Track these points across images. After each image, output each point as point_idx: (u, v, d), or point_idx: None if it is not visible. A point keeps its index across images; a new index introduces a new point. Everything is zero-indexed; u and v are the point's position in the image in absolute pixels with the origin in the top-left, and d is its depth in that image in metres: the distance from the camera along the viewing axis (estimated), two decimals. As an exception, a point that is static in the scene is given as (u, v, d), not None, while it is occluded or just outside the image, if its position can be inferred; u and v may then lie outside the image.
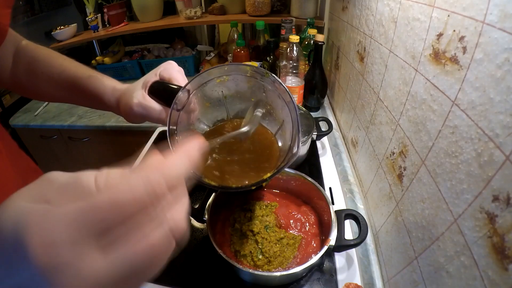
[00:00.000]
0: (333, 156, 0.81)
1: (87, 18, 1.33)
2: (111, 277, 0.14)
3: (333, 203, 0.65)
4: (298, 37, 0.85)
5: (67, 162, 1.39)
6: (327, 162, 0.78)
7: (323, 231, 0.54)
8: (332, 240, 0.47)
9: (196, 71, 1.42)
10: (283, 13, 1.25)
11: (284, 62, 0.90)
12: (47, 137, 1.27)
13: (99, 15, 1.34)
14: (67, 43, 1.33)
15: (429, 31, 0.39)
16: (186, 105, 0.36)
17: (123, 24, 1.36)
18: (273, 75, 0.35)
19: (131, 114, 0.39)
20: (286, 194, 0.63)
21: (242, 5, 1.24)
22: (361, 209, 0.66)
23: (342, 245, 0.47)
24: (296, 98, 0.93)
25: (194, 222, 0.64)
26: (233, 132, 0.37)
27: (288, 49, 0.87)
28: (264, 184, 0.32)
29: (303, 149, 0.74)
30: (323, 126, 0.81)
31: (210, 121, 0.42)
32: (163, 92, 0.39)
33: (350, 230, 0.59)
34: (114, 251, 0.14)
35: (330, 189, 0.69)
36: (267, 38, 1.17)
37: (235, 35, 1.18)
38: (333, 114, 1.02)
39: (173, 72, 0.40)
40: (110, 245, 0.14)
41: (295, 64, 0.89)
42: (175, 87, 0.38)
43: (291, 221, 0.56)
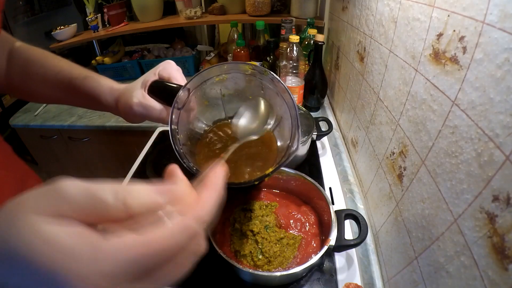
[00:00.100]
0: (333, 156, 0.81)
1: (87, 18, 1.33)
2: None
3: (333, 203, 0.65)
4: (298, 37, 0.85)
5: (67, 162, 1.39)
6: (327, 162, 0.78)
7: (323, 231, 0.54)
8: (332, 240, 0.47)
9: (196, 71, 1.42)
10: (283, 13, 1.25)
11: (284, 62, 0.90)
12: (47, 137, 1.27)
13: (99, 15, 1.34)
14: (67, 43, 1.33)
15: (429, 31, 0.39)
16: (186, 103, 0.36)
17: (123, 24, 1.36)
18: (272, 73, 0.36)
19: (131, 114, 0.39)
20: (286, 194, 0.63)
21: (242, 5, 1.24)
22: (361, 209, 0.66)
23: (342, 245, 0.47)
24: (296, 98, 0.93)
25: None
26: (241, 141, 0.36)
27: (288, 49, 0.87)
28: (266, 179, 0.33)
29: (303, 149, 0.74)
30: (323, 126, 0.81)
31: (209, 120, 0.42)
32: (163, 91, 0.38)
33: (350, 230, 0.59)
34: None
35: (330, 189, 0.69)
36: (267, 38, 1.17)
37: (235, 35, 1.18)
38: (333, 114, 1.02)
39: (172, 71, 0.40)
40: (144, 281, 0.16)
41: (295, 64, 0.89)
42: (175, 86, 0.38)
43: (291, 221, 0.56)
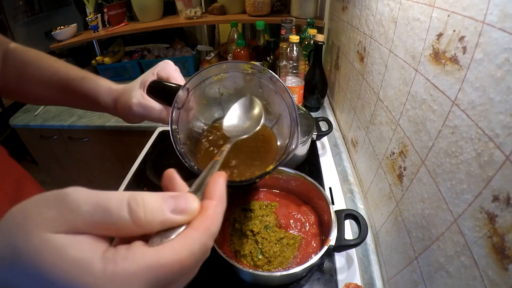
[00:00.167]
0: (333, 156, 0.81)
1: (87, 18, 1.33)
2: None
3: (333, 203, 0.65)
4: (298, 37, 0.85)
5: (67, 162, 1.39)
6: (327, 162, 0.78)
7: (323, 231, 0.54)
8: (332, 240, 0.47)
9: (196, 71, 1.42)
10: (283, 13, 1.25)
11: (284, 62, 0.90)
12: (47, 137, 1.27)
13: (99, 15, 1.34)
14: (67, 43, 1.33)
15: (429, 31, 0.39)
16: (186, 103, 0.36)
17: (123, 24, 1.36)
18: (270, 71, 0.36)
19: (130, 114, 0.39)
20: (286, 194, 0.63)
21: (242, 5, 1.24)
22: (361, 209, 0.66)
23: (342, 245, 0.47)
24: (296, 98, 0.93)
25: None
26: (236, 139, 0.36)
27: (288, 49, 0.87)
28: (267, 177, 0.33)
29: (303, 149, 0.74)
30: (323, 126, 0.81)
31: (208, 119, 0.42)
32: (162, 91, 0.38)
33: (350, 230, 0.59)
34: None
35: (330, 189, 0.69)
36: (267, 38, 1.17)
37: (235, 35, 1.18)
38: (333, 114, 1.02)
39: (170, 71, 0.40)
40: None
41: (295, 64, 0.89)
42: (174, 85, 0.38)
43: (291, 221, 0.56)
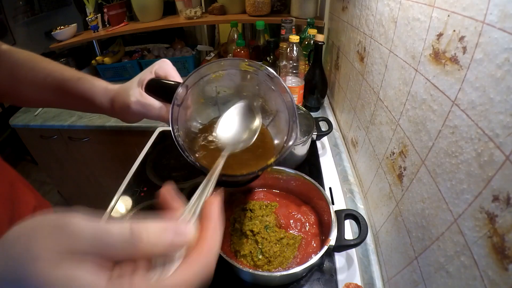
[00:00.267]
0: (333, 156, 0.81)
1: (87, 18, 1.33)
2: None
3: (333, 203, 0.65)
4: (298, 37, 0.85)
5: (67, 162, 1.39)
6: (327, 162, 0.78)
7: (323, 231, 0.54)
8: (332, 240, 0.47)
9: (196, 71, 1.42)
10: (283, 13, 1.25)
11: (284, 62, 0.89)
12: (47, 137, 1.27)
13: (99, 15, 1.34)
14: (67, 43, 1.33)
15: (429, 31, 0.39)
16: (184, 101, 0.36)
17: (123, 24, 1.36)
18: (267, 67, 0.36)
19: (128, 113, 0.39)
20: (286, 194, 0.63)
21: (242, 5, 1.24)
22: (361, 209, 0.66)
23: (342, 245, 0.47)
24: (296, 98, 0.93)
25: (194, 222, 0.64)
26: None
27: (288, 49, 0.87)
28: (269, 170, 0.33)
29: (303, 149, 0.74)
30: (323, 126, 0.81)
31: (204, 118, 0.42)
32: (161, 88, 0.38)
33: (350, 230, 0.59)
34: None
35: (330, 189, 0.69)
36: (267, 38, 1.17)
37: (235, 35, 1.18)
38: (333, 114, 1.02)
39: (168, 69, 0.40)
40: None
41: (295, 64, 0.88)
42: (173, 83, 0.38)
43: (291, 221, 0.56)
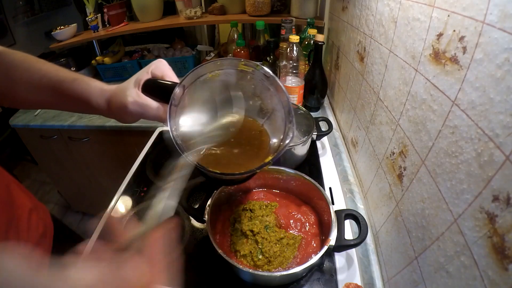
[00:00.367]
0: (333, 156, 0.81)
1: (87, 18, 1.33)
2: None
3: (333, 203, 0.65)
4: (298, 37, 0.85)
5: (67, 162, 1.39)
6: (327, 162, 0.78)
7: (323, 231, 0.54)
8: (332, 240, 0.47)
9: (196, 71, 1.42)
10: (283, 13, 1.25)
11: (284, 62, 0.89)
12: (47, 137, 1.27)
13: (99, 15, 1.34)
14: (67, 43, 1.33)
15: (429, 31, 0.39)
16: (181, 101, 0.36)
17: (123, 24, 1.36)
18: (264, 67, 0.36)
19: (125, 113, 0.39)
20: (286, 194, 0.63)
21: (242, 5, 1.24)
22: (361, 209, 0.66)
23: (342, 245, 0.47)
24: (296, 98, 0.93)
25: (194, 222, 0.64)
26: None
27: (288, 49, 0.87)
28: (266, 168, 0.34)
29: (303, 149, 0.74)
30: (323, 126, 0.81)
31: (200, 118, 0.42)
32: (157, 89, 0.39)
33: (350, 230, 0.59)
34: None
35: (330, 189, 0.69)
36: (267, 38, 1.17)
37: (235, 35, 1.18)
38: (333, 114, 1.02)
39: (164, 69, 0.40)
40: None
41: (295, 64, 0.88)
42: (170, 83, 0.38)
43: (291, 221, 0.56)
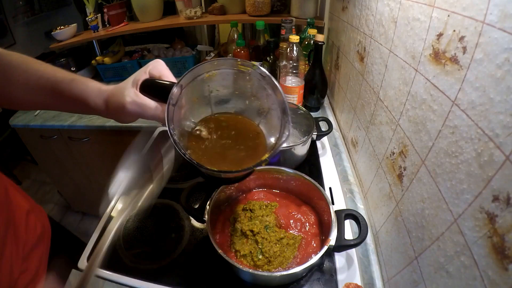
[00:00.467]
0: (333, 156, 0.81)
1: (87, 18, 1.33)
2: None
3: (333, 203, 0.65)
4: (298, 37, 0.85)
5: (67, 162, 1.39)
6: (327, 162, 0.78)
7: (323, 231, 0.54)
8: (332, 240, 0.47)
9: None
10: (283, 13, 1.25)
11: (284, 62, 0.89)
12: (47, 137, 1.27)
13: (99, 15, 1.34)
14: (67, 43, 1.33)
15: (429, 31, 0.39)
16: (179, 100, 0.37)
17: (123, 24, 1.36)
18: (260, 67, 0.37)
19: (124, 113, 0.39)
20: (286, 194, 0.63)
21: (242, 5, 1.24)
22: (361, 209, 0.66)
23: (342, 245, 0.47)
24: (296, 98, 0.93)
25: (194, 222, 0.64)
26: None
27: (288, 49, 0.87)
28: (263, 165, 0.35)
29: (303, 149, 0.74)
30: (323, 126, 0.81)
31: (197, 117, 0.43)
32: (155, 89, 0.39)
33: (350, 230, 0.59)
34: None
35: (330, 189, 0.69)
36: (267, 38, 1.17)
37: (235, 35, 1.18)
38: (333, 114, 1.02)
39: (162, 69, 0.40)
40: None
41: (295, 64, 0.88)
42: (168, 83, 0.38)
43: (291, 221, 0.56)
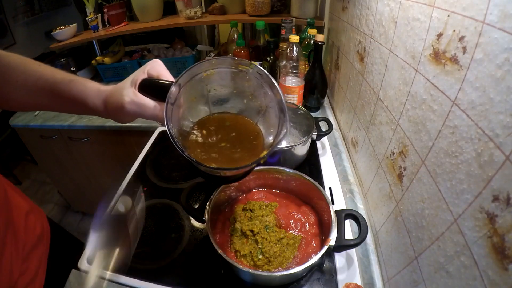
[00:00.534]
0: (333, 156, 0.81)
1: (87, 18, 1.33)
2: None
3: (333, 203, 0.65)
4: (298, 37, 0.85)
5: (67, 162, 1.39)
6: (327, 162, 0.78)
7: (323, 231, 0.54)
8: (332, 240, 0.47)
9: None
10: (283, 13, 1.25)
11: (284, 62, 0.89)
12: (47, 137, 1.27)
13: (99, 15, 1.34)
14: (67, 43, 1.33)
15: (429, 31, 0.39)
16: (177, 99, 0.37)
17: (123, 24, 1.36)
18: (257, 66, 0.37)
19: (123, 113, 0.39)
20: (286, 194, 0.63)
21: (242, 5, 1.24)
22: (361, 209, 0.66)
23: (342, 245, 0.47)
24: (296, 98, 0.93)
25: (194, 222, 0.64)
26: None
27: (288, 49, 0.87)
28: (262, 162, 0.36)
29: (303, 149, 0.74)
30: (323, 126, 0.81)
31: (196, 116, 0.43)
32: (154, 88, 0.39)
33: (350, 230, 0.59)
34: None
35: (330, 189, 0.69)
36: (267, 38, 1.17)
37: (235, 35, 1.18)
38: (333, 114, 1.02)
39: (160, 69, 0.40)
40: None
41: (295, 64, 0.88)
42: (166, 82, 0.38)
43: (291, 221, 0.56)
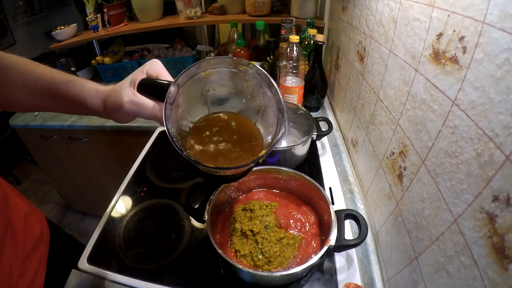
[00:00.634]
0: (333, 156, 0.81)
1: (87, 18, 1.33)
2: None
3: (333, 203, 0.65)
4: (298, 37, 0.85)
5: (67, 162, 1.39)
6: (327, 162, 0.78)
7: (323, 231, 0.54)
8: (332, 240, 0.47)
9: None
10: (283, 13, 1.25)
11: (284, 62, 0.89)
12: (47, 137, 1.27)
13: (99, 15, 1.34)
14: (67, 43, 1.33)
15: (429, 31, 0.39)
16: (176, 99, 0.37)
17: (123, 24, 1.36)
18: (256, 65, 0.37)
19: (122, 113, 0.39)
20: (286, 194, 0.63)
21: (242, 5, 1.24)
22: (361, 209, 0.66)
23: (342, 245, 0.47)
24: (296, 98, 0.93)
25: (194, 222, 0.64)
26: None
27: (288, 49, 0.87)
28: (260, 161, 0.36)
29: (303, 149, 0.74)
30: (323, 126, 0.81)
31: (195, 116, 0.43)
32: (153, 88, 0.39)
33: (350, 230, 0.59)
34: None
35: (330, 189, 0.69)
36: (267, 38, 1.17)
37: (235, 35, 1.18)
38: (333, 114, 1.02)
39: (159, 69, 0.40)
40: None
41: (295, 64, 0.88)
42: (165, 82, 0.38)
43: (291, 221, 0.56)
